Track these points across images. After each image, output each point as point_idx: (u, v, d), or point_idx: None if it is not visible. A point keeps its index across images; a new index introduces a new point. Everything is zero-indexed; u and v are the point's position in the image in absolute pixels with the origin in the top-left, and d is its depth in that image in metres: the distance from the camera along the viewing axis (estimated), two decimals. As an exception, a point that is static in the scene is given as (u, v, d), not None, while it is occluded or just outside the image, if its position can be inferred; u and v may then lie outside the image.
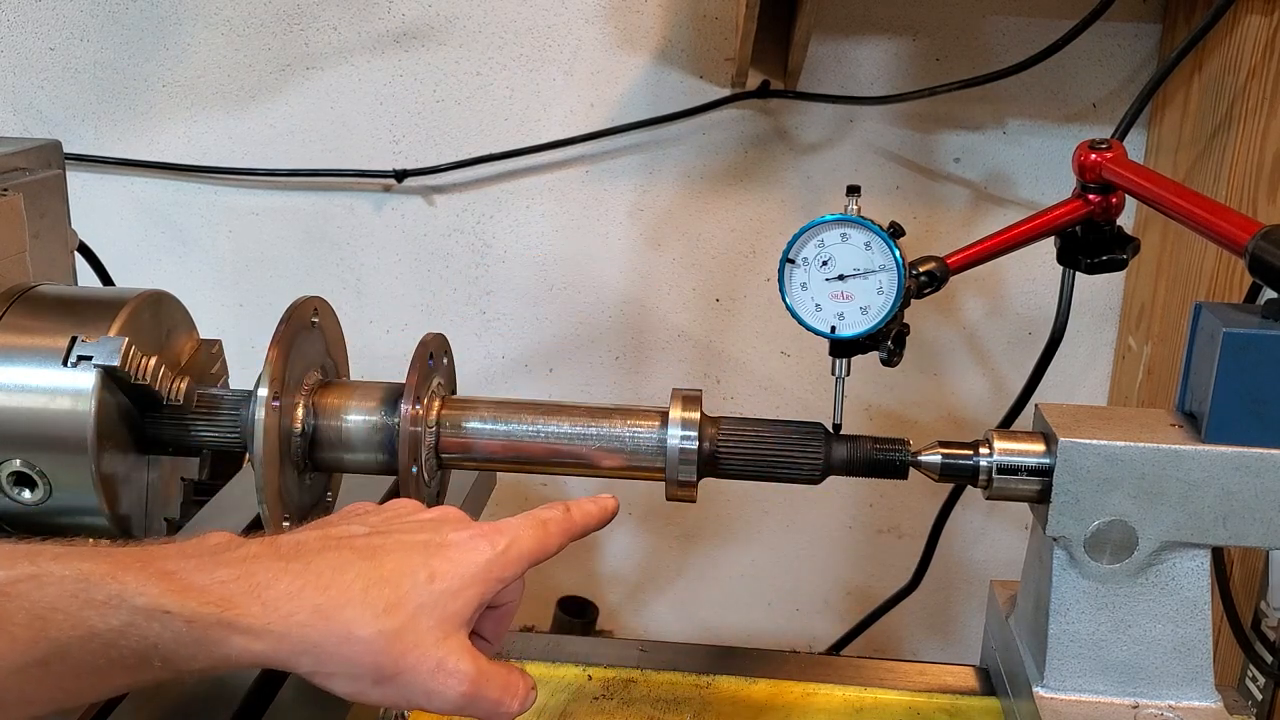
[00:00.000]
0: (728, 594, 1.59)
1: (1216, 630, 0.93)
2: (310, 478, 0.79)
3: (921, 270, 0.77)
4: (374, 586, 0.56)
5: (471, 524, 0.62)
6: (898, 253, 0.71)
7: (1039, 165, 1.36)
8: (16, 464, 0.72)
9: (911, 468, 0.75)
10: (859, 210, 0.72)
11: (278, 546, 0.58)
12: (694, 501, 0.77)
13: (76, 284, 0.92)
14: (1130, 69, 1.32)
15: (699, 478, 0.75)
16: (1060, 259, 0.84)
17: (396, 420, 0.75)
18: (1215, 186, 1.16)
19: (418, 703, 0.56)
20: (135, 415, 0.76)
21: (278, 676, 0.74)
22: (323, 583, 0.56)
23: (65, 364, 0.72)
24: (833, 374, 0.76)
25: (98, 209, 1.44)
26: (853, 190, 0.73)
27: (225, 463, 0.90)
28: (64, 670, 0.51)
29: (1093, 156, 0.79)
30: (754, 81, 1.34)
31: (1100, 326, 1.42)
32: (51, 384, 0.72)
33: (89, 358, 0.71)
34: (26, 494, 0.73)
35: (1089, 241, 0.82)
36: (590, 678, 0.87)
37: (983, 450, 0.74)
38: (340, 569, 0.57)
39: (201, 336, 0.85)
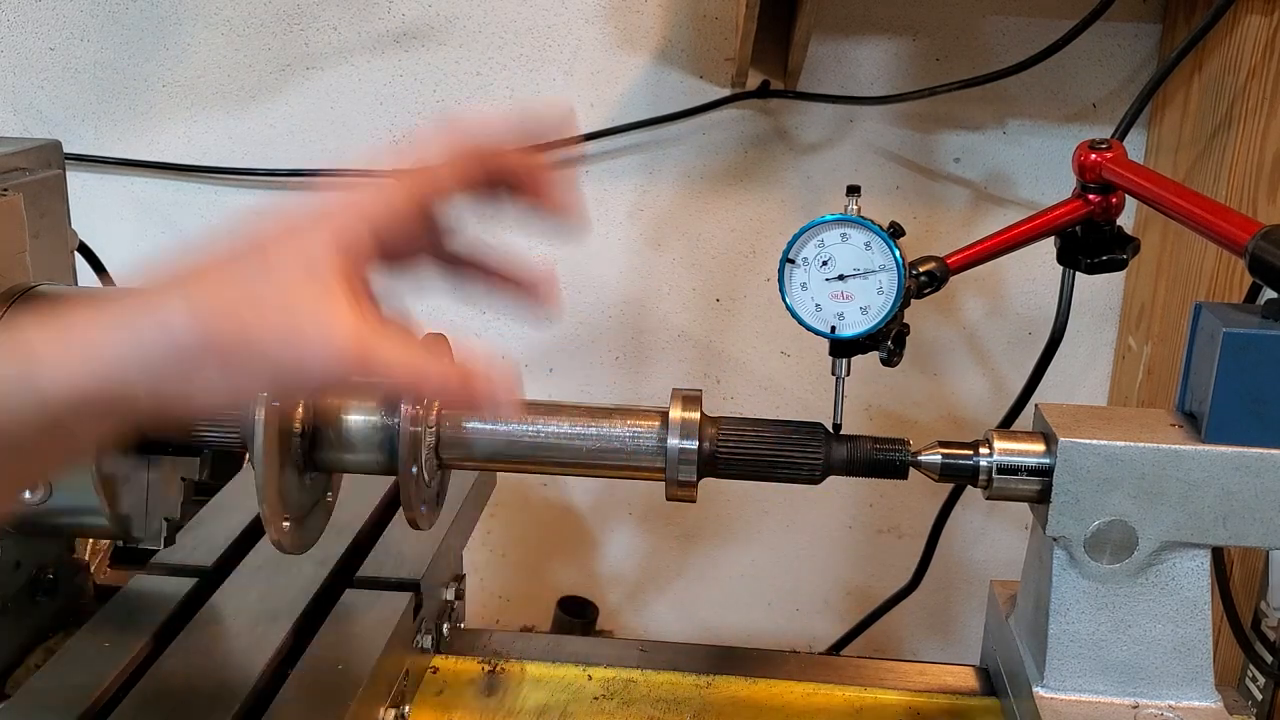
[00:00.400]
0: (728, 594, 1.59)
1: (1216, 630, 0.93)
2: (310, 478, 0.79)
3: (921, 270, 0.77)
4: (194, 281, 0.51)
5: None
6: (898, 253, 0.71)
7: (1039, 165, 1.36)
8: (16, 464, 0.72)
9: (911, 468, 0.75)
10: (859, 210, 0.72)
11: None
12: (694, 501, 0.76)
13: (76, 284, 0.92)
14: (1130, 69, 1.32)
15: (699, 478, 0.75)
16: (1060, 259, 0.84)
17: (396, 420, 0.75)
18: (1215, 186, 1.16)
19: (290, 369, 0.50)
20: (135, 415, 0.76)
21: (277, 676, 0.75)
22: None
23: (65, 364, 0.71)
24: (833, 374, 0.76)
25: (98, 209, 1.44)
26: (853, 190, 0.73)
27: (225, 463, 0.90)
28: None
29: (1093, 156, 0.79)
30: (754, 81, 1.34)
31: (1100, 326, 1.42)
32: (51, 384, 0.71)
33: (89, 358, 0.71)
34: (27, 494, 0.73)
35: (1089, 241, 0.82)
36: (590, 678, 0.87)
37: (983, 450, 0.74)
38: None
39: (201, 336, 0.85)
